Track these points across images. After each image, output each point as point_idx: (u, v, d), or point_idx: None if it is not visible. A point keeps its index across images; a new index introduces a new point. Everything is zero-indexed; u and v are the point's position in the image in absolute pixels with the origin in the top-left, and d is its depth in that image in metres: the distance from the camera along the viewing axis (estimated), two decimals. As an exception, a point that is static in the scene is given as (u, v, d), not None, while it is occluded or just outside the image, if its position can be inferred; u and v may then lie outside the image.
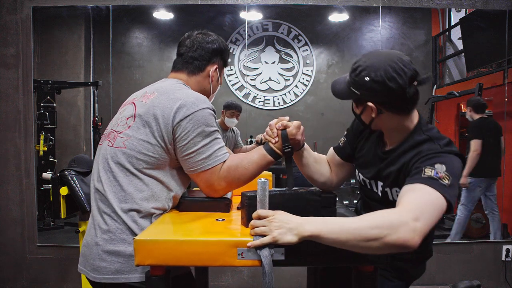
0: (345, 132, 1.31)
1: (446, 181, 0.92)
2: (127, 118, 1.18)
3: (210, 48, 1.31)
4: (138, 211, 1.12)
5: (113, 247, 1.10)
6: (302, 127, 1.19)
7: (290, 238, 0.85)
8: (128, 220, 1.11)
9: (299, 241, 0.85)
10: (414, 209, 0.85)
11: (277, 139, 1.17)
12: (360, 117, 1.13)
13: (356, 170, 1.28)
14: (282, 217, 0.88)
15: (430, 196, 0.90)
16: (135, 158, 1.12)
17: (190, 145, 1.12)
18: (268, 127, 1.19)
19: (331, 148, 1.34)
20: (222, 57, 1.33)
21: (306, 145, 1.25)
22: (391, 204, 1.11)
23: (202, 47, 1.32)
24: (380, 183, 1.17)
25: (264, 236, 0.88)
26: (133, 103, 1.21)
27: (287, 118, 1.19)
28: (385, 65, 1.01)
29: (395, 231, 0.81)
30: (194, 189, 1.40)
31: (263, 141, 1.24)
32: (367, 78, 1.02)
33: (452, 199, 0.92)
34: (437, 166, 0.94)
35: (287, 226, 0.86)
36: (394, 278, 1.25)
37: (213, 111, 1.18)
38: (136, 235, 1.08)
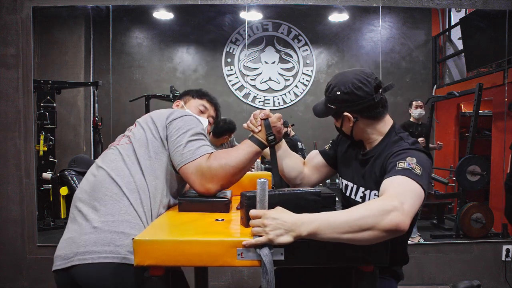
0: (331, 141, 1.45)
1: (418, 171, 1.01)
2: (129, 132, 1.32)
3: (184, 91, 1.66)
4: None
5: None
6: (282, 119, 1.32)
7: (286, 239, 0.87)
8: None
9: (294, 240, 0.87)
10: (397, 195, 0.92)
11: (260, 127, 1.28)
12: (342, 129, 1.29)
13: (339, 178, 1.37)
14: (277, 216, 0.89)
15: (408, 183, 0.98)
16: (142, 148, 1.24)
17: (180, 138, 1.22)
18: (252, 116, 1.31)
19: (315, 151, 1.47)
20: (190, 92, 1.61)
21: (283, 142, 1.40)
22: None
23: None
24: (361, 189, 1.26)
25: (260, 235, 0.89)
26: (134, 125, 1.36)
27: (268, 109, 1.31)
28: (351, 78, 1.19)
29: (386, 215, 0.86)
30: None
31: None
32: (338, 92, 1.20)
33: (425, 187, 1.00)
34: (408, 159, 1.05)
35: (283, 227, 0.87)
36: (390, 277, 1.30)
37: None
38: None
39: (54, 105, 3.07)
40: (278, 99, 3.75)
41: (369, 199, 1.20)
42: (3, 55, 2.68)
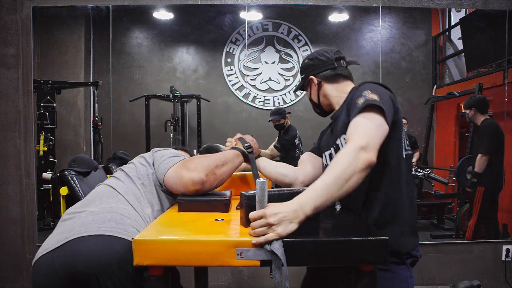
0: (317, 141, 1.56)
1: (375, 97, 1.11)
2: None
3: None
4: None
5: None
6: (254, 139, 1.51)
7: (292, 227, 0.91)
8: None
9: (299, 225, 0.93)
10: (359, 136, 1.03)
11: (235, 143, 1.49)
12: (311, 98, 1.46)
13: (322, 157, 1.43)
14: (277, 211, 0.91)
15: (368, 120, 1.08)
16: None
17: (164, 156, 1.33)
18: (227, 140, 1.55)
19: (306, 152, 1.57)
20: None
21: (263, 157, 1.53)
22: None
23: None
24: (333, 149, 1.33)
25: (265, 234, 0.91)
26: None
27: (239, 134, 1.54)
28: (317, 50, 1.44)
29: (358, 159, 0.97)
30: None
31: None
32: (306, 61, 1.44)
33: (385, 107, 1.09)
34: (364, 92, 1.15)
35: (287, 219, 0.90)
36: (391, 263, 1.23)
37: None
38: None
39: (54, 105, 3.07)
40: (278, 99, 3.75)
41: (341, 146, 1.26)
42: (3, 55, 2.68)
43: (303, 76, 1.45)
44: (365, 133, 1.04)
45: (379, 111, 1.09)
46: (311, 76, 1.40)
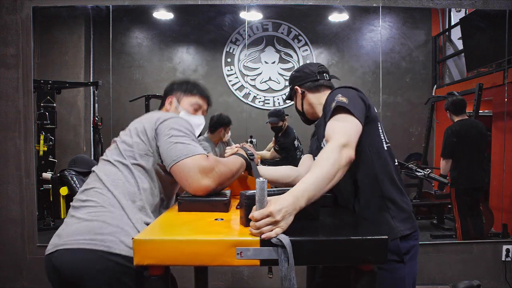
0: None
1: (344, 100, 1.22)
2: (117, 137, 1.37)
3: (171, 83, 1.59)
4: None
5: None
6: (254, 150, 1.56)
7: (291, 219, 0.96)
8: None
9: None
10: (339, 135, 1.13)
11: (236, 149, 1.51)
12: (297, 107, 1.59)
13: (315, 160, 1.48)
14: (279, 207, 0.93)
15: (339, 120, 1.20)
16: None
17: (173, 138, 1.23)
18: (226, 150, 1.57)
19: (306, 154, 1.65)
20: (180, 87, 1.55)
21: (261, 166, 1.58)
22: None
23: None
24: None
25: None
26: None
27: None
28: (303, 64, 1.61)
29: (341, 155, 1.08)
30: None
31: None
32: (293, 73, 1.60)
33: (353, 109, 1.20)
34: (336, 97, 1.25)
35: (288, 213, 0.94)
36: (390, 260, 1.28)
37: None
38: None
39: (54, 105, 3.07)
40: (278, 99, 3.75)
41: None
42: (3, 55, 2.69)
43: (290, 86, 1.61)
44: (343, 132, 1.14)
45: (349, 112, 1.20)
46: (296, 87, 1.55)
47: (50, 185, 2.66)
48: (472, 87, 3.44)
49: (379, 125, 1.34)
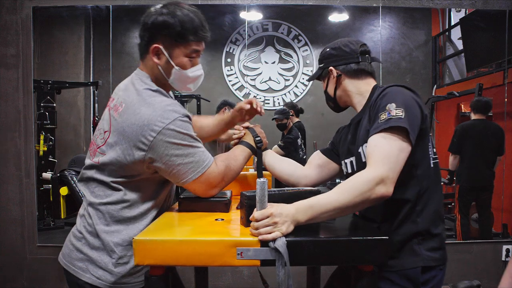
0: (331, 140, 1.46)
1: (400, 113, 1.02)
2: (104, 132, 1.17)
3: (148, 23, 1.11)
4: None
5: None
6: (262, 131, 1.44)
7: (291, 228, 0.93)
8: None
9: (294, 227, 0.95)
10: (380, 162, 0.97)
11: (243, 132, 1.41)
12: (327, 91, 1.32)
13: (342, 163, 1.34)
14: (280, 211, 0.93)
15: (388, 139, 1.00)
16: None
17: (174, 160, 1.08)
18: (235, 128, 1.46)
19: (317, 151, 1.47)
20: (168, 32, 1.10)
21: (270, 150, 1.47)
22: None
23: (144, 23, 1.12)
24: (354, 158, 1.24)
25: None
26: (109, 111, 1.17)
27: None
28: (341, 40, 1.29)
29: (373, 191, 0.94)
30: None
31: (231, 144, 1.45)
32: (328, 49, 1.29)
33: (410, 127, 1.01)
34: (388, 106, 1.04)
35: (288, 219, 0.93)
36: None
37: (186, 116, 1.10)
38: None
39: (54, 105, 3.07)
40: (278, 99, 3.75)
41: (363, 155, 1.15)
42: (3, 55, 2.68)
43: (321, 65, 1.30)
44: (387, 159, 0.97)
45: (402, 132, 1.00)
46: (331, 67, 1.26)
47: (50, 185, 2.66)
48: (472, 87, 3.44)
49: (429, 140, 1.14)
